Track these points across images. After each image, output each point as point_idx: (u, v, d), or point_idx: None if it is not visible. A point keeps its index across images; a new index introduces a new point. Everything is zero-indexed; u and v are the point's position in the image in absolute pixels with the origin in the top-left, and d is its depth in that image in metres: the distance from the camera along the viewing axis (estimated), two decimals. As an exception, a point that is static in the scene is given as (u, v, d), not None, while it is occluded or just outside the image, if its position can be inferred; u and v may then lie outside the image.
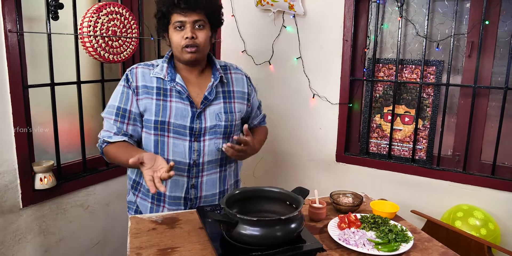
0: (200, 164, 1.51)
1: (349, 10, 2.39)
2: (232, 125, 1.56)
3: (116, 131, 1.47)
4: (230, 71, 1.62)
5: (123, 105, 1.48)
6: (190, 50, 1.43)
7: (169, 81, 1.49)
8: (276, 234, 1.14)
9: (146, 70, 1.51)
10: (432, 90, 2.30)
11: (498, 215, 2.10)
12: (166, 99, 1.47)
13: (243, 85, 1.63)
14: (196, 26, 1.44)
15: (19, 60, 1.71)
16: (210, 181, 1.55)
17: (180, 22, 1.42)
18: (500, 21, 2.09)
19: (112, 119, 1.48)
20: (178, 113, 1.47)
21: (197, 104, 1.50)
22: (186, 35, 1.42)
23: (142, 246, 1.22)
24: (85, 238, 2.12)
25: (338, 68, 2.48)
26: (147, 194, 1.57)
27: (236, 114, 1.57)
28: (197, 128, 1.48)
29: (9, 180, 1.75)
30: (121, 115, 1.48)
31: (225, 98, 1.56)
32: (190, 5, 1.40)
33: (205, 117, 1.50)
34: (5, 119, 1.70)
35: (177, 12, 1.41)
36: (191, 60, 1.47)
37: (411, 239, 1.27)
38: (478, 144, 2.23)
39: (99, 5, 1.89)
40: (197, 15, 1.42)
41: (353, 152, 2.57)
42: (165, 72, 1.50)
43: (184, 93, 1.48)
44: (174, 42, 1.46)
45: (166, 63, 1.52)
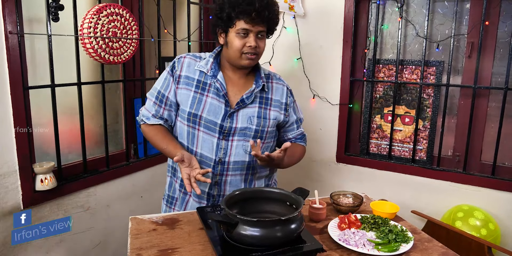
0: (226, 163, 1.53)
1: (349, 11, 2.39)
2: (264, 131, 1.56)
3: (154, 113, 1.56)
4: (272, 81, 1.65)
5: (163, 90, 1.55)
6: (250, 57, 1.48)
7: (210, 76, 1.53)
8: (276, 234, 1.14)
9: (192, 61, 1.57)
10: (432, 90, 2.30)
11: (499, 215, 2.10)
12: (203, 93, 1.52)
13: (282, 95, 1.64)
14: (259, 36, 1.49)
15: (19, 61, 1.71)
16: (234, 182, 1.57)
17: (245, 30, 1.45)
18: (500, 21, 2.09)
19: (152, 101, 1.57)
20: (211, 109, 1.50)
21: (232, 103, 1.53)
22: (250, 44, 1.46)
23: (142, 247, 1.22)
24: (85, 239, 2.12)
25: (338, 69, 2.48)
26: (181, 184, 1.63)
27: (270, 121, 1.58)
28: (227, 127, 1.51)
29: (9, 182, 1.75)
30: (160, 99, 1.56)
31: (262, 104, 1.58)
32: (262, 19, 1.44)
33: (237, 118, 1.52)
34: (5, 120, 1.70)
35: (246, 20, 1.43)
36: (249, 66, 1.53)
37: (411, 240, 1.27)
38: (478, 145, 2.23)
39: (99, 7, 1.89)
40: (262, 27, 1.47)
41: (353, 152, 2.57)
42: (209, 66, 1.54)
43: (221, 90, 1.51)
44: (234, 47, 1.47)
45: (212, 58, 1.56)
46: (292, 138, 1.72)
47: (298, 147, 1.72)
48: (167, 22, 2.39)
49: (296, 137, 1.73)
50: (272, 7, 1.46)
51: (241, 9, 1.42)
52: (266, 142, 1.60)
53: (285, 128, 1.69)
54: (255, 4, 1.41)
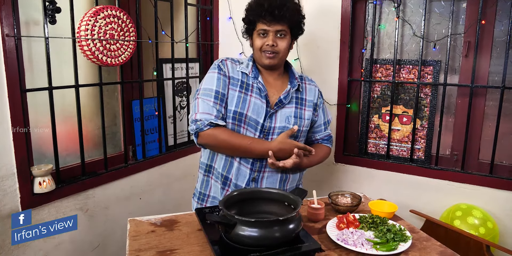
0: (264, 160, 1.58)
1: (346, 11, 2.39)
2: (299, 130, 1.63)
3: (216, 113, 1.54)
4: (305, 82, 1.74)
5: (221, 89, 1.57)
6: (269, 55, 1.56)
7: (252, 77, 1.61)
8: (275, 235, 1.14)
9: (233, 64, 1.65)
10: (429, 90, 2.31)
11: (497, 214, 2.10)
12: (247, 93, 1.59)
13: (314, 95, 1.72)
14: (278, 35, 1.56)
15: (16, 64, 1.71)
16: (271, 179, 1.62)
17: (263, 30, 1.55)
18: (496, 20, 2.10)
19: (211, 102, 1.54)
20: (255, 108, 1.57)
21: (271, 104, 1.60)
22: (267, 43, 1.55)
23: (141, 249, 1.22)
24: (84, 242, 2.12)
25: (336, 69, 2.49)
26: (218, 177, 1.66)
27: (306, 121, 1.66)
28: (267, 126, 1.58)
29: (8, 184, 1.75)
30: (220, 98, 1.56)
31: (297, 104, 1.66)
32: (275, 18, 1.51)
33: (275, 118, 1.59)
34: (3, 123, 1.70)
35: (262, 21, 1.54)
36: (269, 64, 1.59)
37: (410, 239, 1.28)
38: (476, 143, 2.24)
39: (96, 9, 1.89)
40: (280, 26, 1.54)
41: (351, 152, 2.57)
42: (250, 68, 1.63)
43: (263, 91, 1.59)
44: (256, 46, 1.59)
45: (251, 61, 1.65)
46: (319, 139, 1.79)
47: (321, 147, 1.78)
48: (165, 24, 2.40)
49: (323, 138, 1.80)
50: (284, 6, 1.52)
51: (254, 11, 1.55)
52: (299, 141, 1.66)
53: (313, 129, 1.76)
54: (264, 5, 1.51)
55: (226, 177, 1.63)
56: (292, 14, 1.55)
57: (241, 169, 1.60)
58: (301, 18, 1.64)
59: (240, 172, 1.60)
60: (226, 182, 1.63)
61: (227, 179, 1.63)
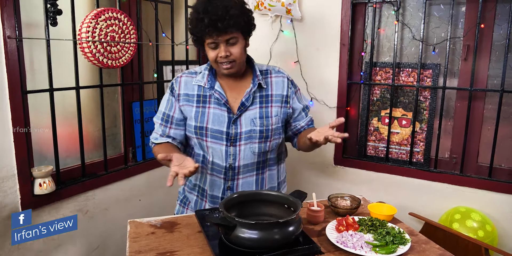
0: (236, 168, 1.56)
1: (346, 15, 2.40)
2: (268, 130, 1.57)
3: (161, 133, 1.62)
4: (271, 75, 1.65)
5: (167, 111, 1.61)
6: (225, 67, 1.50)
7: (208, 88, 1.57)
8: (274, 237, 1.14)
9: (189, 78, 1.61)
10: (428, 93, 2.32)
11: (496, 217, 2.11)
12: (205, 106, 1.56)
13: (283, 87, 1.63)
14: (229, 43, 1.48)
15: (18, 66, 1.72)
16: (246, 184, 1.59)
17: (213, 43, 1.48)
18: (495, 24, 2.11)
19: (158, 123, 1.64)
20: (215, 119, 1.54)
21: (234, 109, 1.55)
22: (220, 55, 1.48)
23: (141, 250, 1.23)
24: (84, 243, 2.12)
25: (336, 72, 2.49)
26: (193, 188, 1.66)
27: (273, 119, 1.59)
28: (232, 133, 1.53)
29: (8, 185, 1.75)
30: (165, 120, 1.62)
31: (262, 103, 1.59)
32: (220, 30, 1.43)
33: (240, 123, 1.54)
34: (4, 124, 1.70)
35: (209, 36, 1.46)
36: (228, 74, 1.54)
37: (409, 241, 1.28)
38: (475, 147, 2.24)
39: (97, 11, 1.90)
40: (228, 34, 1.45)
41: (351, 155, 2.58)
42: (205, 79, 1.58)
43: (221, 99, 1.54)
44: (210, 59, 1.52)
45: (207, 70, 1.60)
46: (305, 126, 1.71)
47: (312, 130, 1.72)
48: (165, 26, 2.41)
49: (308, 124, 1.73)
50: (227, 14, 1.42)
51: (197, 29, 1.46)
52: (273, 140, 1.61)
53: (294, 119, 1.68)
54: (204, 20, 1.41)
55: (203, 188, 1.63)
56: (237, 19, 1.44)
57: (214, 180, 1.58)
58: (249, 17, 1.53)
59: (214, 183, 1.59)
60: (203, 193, 1.63)
61: (204, 190, 1.63)
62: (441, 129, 2.27)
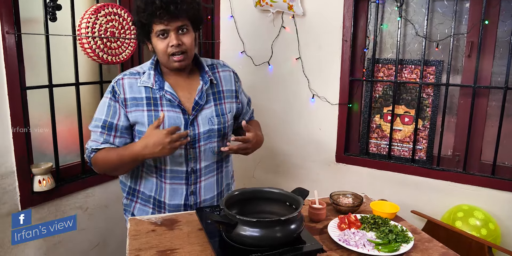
0: (198, 170, 1.51)
1: (348, 10, 2.38)
2: (226, 127, 1.54)
3: (103, 141, 1.45)
4: (218, 70, 1.58)
5: (110, 119, 1.45)
6: (177, 59, 1.40)
7: (157, 89, 1.44)
8: (276, 235, 1.13)
9: (132, 80, 1.46)
10: (431, 90, 2.30)
11: (499, 215, 2.10)
12: (158, 109, 1.44)
13: (231, 82, 1.59)
14: (180, 31, 1.38)
15: (17, 61, 1.70)
16: (208, 185, 1.55)
17: (162, 31, 1.37)
18: (499, 21, 2.09)
19: (98, 132, 1.46)
20: (171, 122, 1.43)
21: (188, 110, 1.47)
22: (171, 43, 1.37)
23: (141, 248, 1.22)
24: (84, 240, 2.11)
25: (338, 69, 2.47)
26: (148, 200, 1.54)
27: (228, 115, 1.55)
28: (191, 135, 1.46)
29: (7, 183, 1.74)
30: (107, 128, 1.45)
31: (216, 100, 1.53)
32: (173, 14, 1.33)
33: (197, 123, 1.47)
34: (3, 121, 1.69)
35: (159, 22, 1.35)
36: (180, 67, 1.43)
37: (412, 240, 1.27)
38: (478, 144, 2.22)
39: (97, 6, 1.88)
40: (180, 21, 1.36)
41: (353, 152, 2.56)
42: (152, 80, 1.45)
43: (174, 101, 1.44)
44: (159, 51, 1.40)
45: (152, 70, 1.47)
46: (248, 119, 1.73)
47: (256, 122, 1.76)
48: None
49: (250, 117, 1.75)
50: None
51: (147, 12, 1.34)
52: (228, 136, 1.60)
53: (241, 113, 1.68)
54: (155, 2, 1.32)
55: (159, 200, 1.51)
56: (190, 5, 1.36)
57: (175, 189, 1.49)
58: (199, 6, 1.43)
59: (175, 191, 1.50)
60: (161, 205, 1.52)
61: (161, 202, 1.51)
62: (444, 127, 2.25)
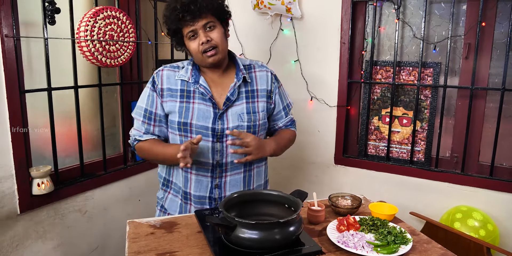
0: (224, 165, 1.53)
1: (346, 13, 2.39)
2: (256, 125, 1.55)
3: (145, 131, 1.55)
4: (255, 70, 1.62)
5: (149, 108, 1.54)
6: (210, 54, 1.46)
7: (193, 83, 1.52)
8: (275, 237, 1.13)
9: (171, 73, 1.55)
10: (429, 92, 2.31)
11: (497, 216, 2.10)
12: (189, 101, 1.51)
13: (267, 82, 1.62)
14: (207, 29, 1.46)
15: (15, 65, 1.71)
16: (234, 181, 1.56)
17: (192, 31, 1.45)
18: (496, 22, 2.10)
19: (140, 120, 1.55)
20: (200, 114, 1.49)
21: (219, 105, 1.51)
22: (201, 41, 1.44)
23: (140, 251, 1.22)
24: (83, 244, 2.11)
25: (336, 71, 2.48)
26: (178, 191, 1.59)
27: (260, 114, 1.57)
28: (219, 129, 1.49)
29: (6, 186, 1.74)
30: (147, 117, 1.54)
31: (248, 98, 1.56)
32: (194, 14, 1.42)
33: (227, 118, 1.51)
34: (1, 124, 1.69)
35: (185, 24, 1.44)
36: (215, 62, 1.49)
37: (410, 241, 1.27)
38: (476, 145, 2.23)
39: (96, 10, 1.89)
40: (204, 19, 1.44)
41: (351, 154, 2.57)
42: (189, 74, 1.53)
43: (206, 94, 1.50)
44: (193, 51, 1.48)
45: (191, 65, 1.55)
46: (282, 126, 1.72)
47: (286, 131, 1.71)
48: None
49: (286, 124, 1.72)
50: None
51: (171, 18, 1.45)
52: (260, 135, 1.60)
53: (273, 117, 1.67)
54: (177, 7, 1.42)
55: (185, 191, 1.56)
56: (209, 2, 1.44)
57: (200, 180, 1.53)
58: (221, 2, 1.51)
59: (200, 182, 1.53)
60: (187, 197, 1.57)
61: (187, 194, 1.56)
62: (442, 128, 2.25)
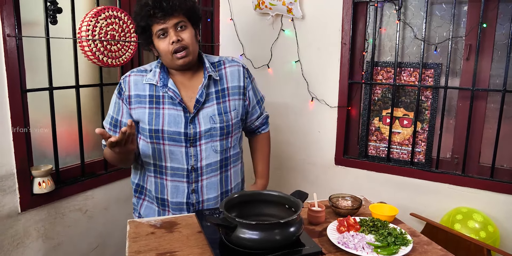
0: (199, 169, 1.50)
1: (347, 14, 2.39)
2: (229, 125, 1.52)
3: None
4: (225, 66, 1.56)
5: (115, 115, 1.52)
6: (180, 55, 1.41)
7: (161, 87, 1.47)
8: (275, 237, 1.13)
9: (138, 77, 1.50)
10: (430, 93, 2.31)
11: (497, 217, 2.10)
12: (159, 107, 1.46)
13: (239, 77, 1.57)
14: (178, 28, 1.41)
15: (17, 64, 1.71)
16: (211, 184, 1.53)
17: (162, 30, 1.40)
18: (497, 24, 2.10)
19: (107, 128, 1.54)
20: (171, 120, 1.45)
21: (190, 108, 1.47)
22: (171, 40, 1.39)
23: (140, 250, 1.22)
24: (83, 243, 2.11)
25: (337, 71, 2.48)
26: (153, 198, 1.56)
27: (232, 113, 1.53)
28: (191, 133, 1.46)
29: (7, 185, 1.74)
30: (113, 124, 1.53)
31: (218, 98, 1.52)
32: (167, 11, 1.37)
33: (199, 122, 1.47)
34: (3, 123, 1.70)
35: (156, 21, 1.39)
36: (185, 64, 1.44)
37: (411, 242, 1.27)
38: (477, 147, 2.23)
39: (97, 9, 1.89)
40: (176, 18, 1.40)
41: (352, 155, 2.57)
42: (157, 77, 1.48)
43: (176, 98, 1.45)
44: (162, 51, 1.43)
45: (158, 68, 1.50)
46: (259, 125, 1.71)
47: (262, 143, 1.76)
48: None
49: (262, 123, 1.72)
50: None
51: (142, 14, 1.40)
52: (234, 135, 1.56)
53: (249, 113, 1.65)
54: (148, 3, 1.38)
55: (162, 198, 1.53)
56: (182, 1, 1.40)
57: (176, 186, 1.50)
58: (193, 3, 1.46)
59: (177, 188, 1.50)
60: (164, 203, 1.54)
61: (164, 200, 1.53)
62: (442, 129, 2.25)
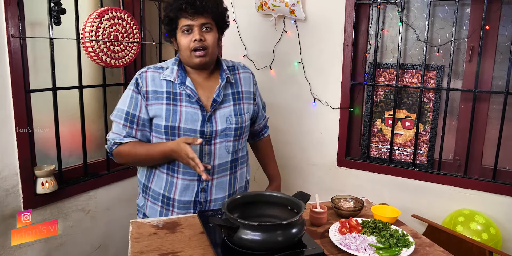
0: (212, 167, 1.51)
1: (349, 15, 2.40)
2: (243, 127, 1.56)
3: (126, 134, 1.49)
4: (238, 71, 1.62)
5: (132, 111, 1.48)
6: (199, 54, 1.44)
7: (179, 84, 1.49)
8: (277, 239, 1.14)
9: (156, 74, 1.50)
10: (432, 94, 2.31)
11: (500, 219, 2.10)
12: (176, 104, 1.47)
13: (250, 84, 1.64)
14: (204, 29, 1.45)
15: (21, 64, 1.72)
16: (220, 184, 1.55)
17: (187, 26, 1.43)
18: (500, 26, 2.10)
19: (121, 124, 1.49)
20: (188, 117, 1.46)
21: (207, 107, 1.50)
22: (194, 38, 1.42)
23: (143, 251, 1.22)
24: (86, 243, 2.12)
25: (339, 73, 2.48)
26: (157, 198, 1.56)
27: (246, 116, 1.58)
28: (207, 131, 1.48)
29: (10, 185, 1.75)
30: (129, 120, 1.49)
31: (235, 100, 1.56)
32: (198, 10, 1.41)
33: (215, 121, 1.50)
34: (7, 123, 1.71)
35: (185, 16, 1.42)
36: (201, 64, 1.47)
37: (412, 244, 1.27)
38: (479, 149, 2.23)
39: (101, 10, 1.90)
40: (204, 18, 1.43)
41: (354, 156, 2.57)
42: (175, 74, 1.50)
43: (194, 97, 1.47)
44: (182, 46, 1.46)
45: (176, 65, 1.52)
46: (262, 127, 1.80)
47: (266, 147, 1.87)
48: (169, 26, 2.40)
49: (265, 125, 1.82)
50: None
51: (173, 6, 1.43)
52: (244, 136, 1.61)
53: (257, 117, 1.73)
54: None
55: (168, 197, 1.53)
56: (215, 5, 1.45)
57: (187, 185, 1.51)
58: (224, 10, 1.52)
59: (187, 187, 1.51)
60: (169, 202, 1.53)
61: (170, 199, 1.53)
62: (444, 131, 2.25)
